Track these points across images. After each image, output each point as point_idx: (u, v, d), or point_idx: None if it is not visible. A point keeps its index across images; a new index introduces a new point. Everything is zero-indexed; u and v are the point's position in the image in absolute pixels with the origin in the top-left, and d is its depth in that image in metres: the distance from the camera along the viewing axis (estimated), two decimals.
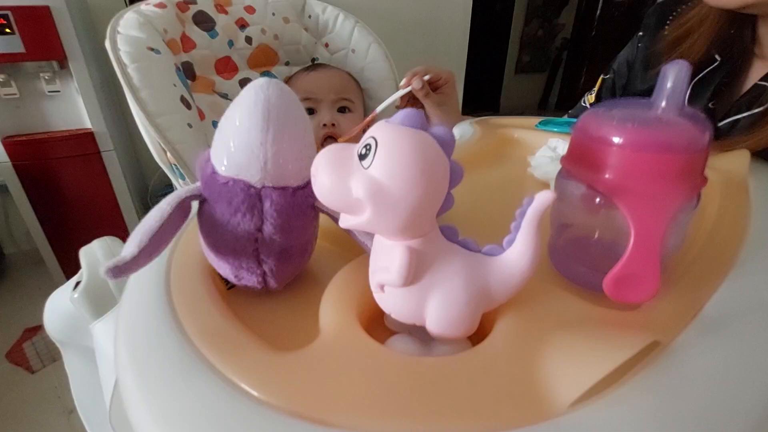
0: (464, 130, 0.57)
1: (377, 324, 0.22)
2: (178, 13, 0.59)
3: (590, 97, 0.76)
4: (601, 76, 0.74)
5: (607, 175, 0.20)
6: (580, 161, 0.22)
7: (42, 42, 1.19)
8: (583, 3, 4.41)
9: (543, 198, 0.17)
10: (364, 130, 0.73)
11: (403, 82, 0.60)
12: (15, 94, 1.24)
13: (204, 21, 0.62)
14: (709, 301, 0.21)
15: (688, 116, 0.20)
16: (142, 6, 0.55)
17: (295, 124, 0.19)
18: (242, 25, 0.66)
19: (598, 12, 4.29)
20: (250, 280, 0.22)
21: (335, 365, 0.17)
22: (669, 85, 0.20)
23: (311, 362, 0.17)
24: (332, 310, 0.20)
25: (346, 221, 0.17)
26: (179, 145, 0.49)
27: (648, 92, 0.68)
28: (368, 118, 0.61)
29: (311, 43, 0.75)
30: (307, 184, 0.20)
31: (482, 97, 4.75)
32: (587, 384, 0.16)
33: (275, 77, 0.72)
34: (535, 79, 4.88)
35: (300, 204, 0.20)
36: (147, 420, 0.17)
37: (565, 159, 0.23)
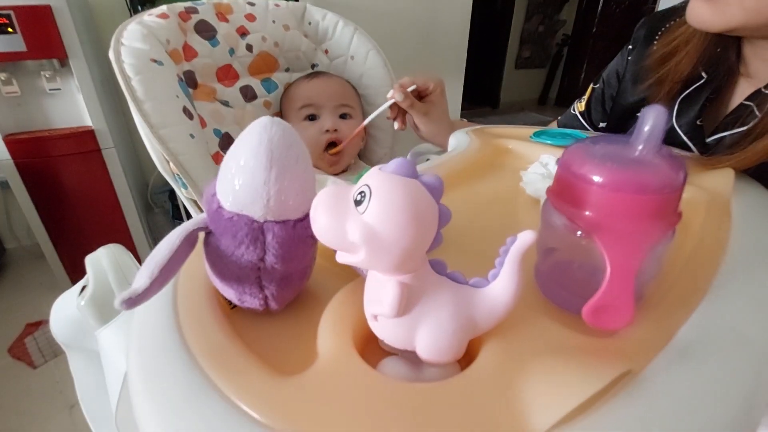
0: (460, 140, 0.58)
1: (372, 345, 0.23)
2: (180, 23, 0.60)
3: (580, 105, 0.77)
4: (591, 85, 0.75)
5: (586, 212, 0.21)
6: (563, 196, 0.23)
7: (43, 41, 1.19)
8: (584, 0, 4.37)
9: (525, 238, 0.19)
10: (367, 132, 0.75)
11: (390, 94, 0.62)
12: (16, 92, 1.24)
13: (205, 30, 0.63)
14: (681, 327, 0.22)
15: (664, 157, 0.22)
16: (145, 17, 0.56)
17: (296, 162, 0.21)
18: (243, 33, 0.67)
19: (599, 8, 4.27)
20: (252, 303, 0.24)
21: (331, 391, 0.19)
22: (647, 128, 0.21)
23: (309, 387, 0.19)
24: (329, 335, 0.21)
25: (342, 258, 0.19)
26: (182, 156, 0.50)
27: (637, 105, 0.69)
28: (358, 129, 0.65)
29: (311, 49, 0.76)
30: (307, 216, 0.22)
31: (482, 92, 4.74)
32: (562, 412, 0.17)
33: (276, 84, 0.74)
34: (535, 74, 4.87)
35: (300, 235, 0.21)
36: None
37: (550, 191, 0.25)
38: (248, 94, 0.68)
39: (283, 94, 0.72)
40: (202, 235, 0.23)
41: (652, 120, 0.21)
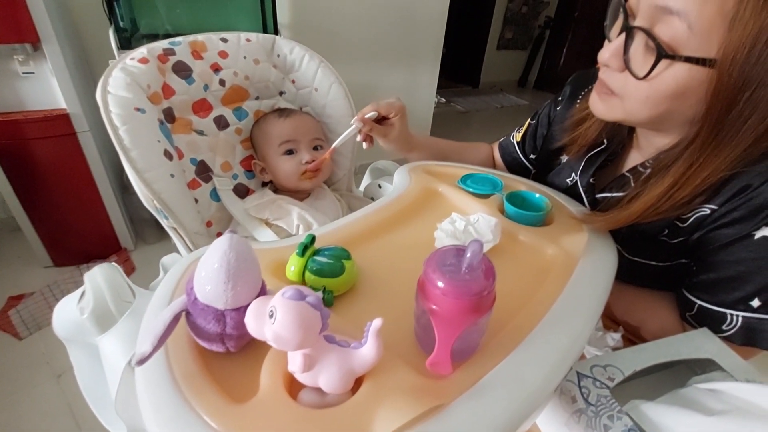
0: (402, 178, 0.70)
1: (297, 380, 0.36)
2: (159, 65, 0.67)
3: (518, 135, 0.89)
4: (528, 120, 0.87)
5: (431, 305, 0.34)
6: (422, 288, 0.36)
7: (14, 25, 1.20)
8: None
9: (376, 324, 0.31)
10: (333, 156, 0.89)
11: (353, 121, 0.73)
12: None
13: (182, 70, 0.70)
14: (487, 374, 0.36)
15: (484, 269, 0.34)
16: (128, 61, 0.63)
17: (247, 272, 0.32)
18: (216, 69, 0.75)
19: None
20: (218, 349, 0.36)
21: (266, 415, 0.31)
22: (468, 255, 0.34)
23: (251, 412, 0.32)
24: (267, 376, 0.34)
25: (269, 343, 0.31)
26: (164, 194, 0.60)
27: (558, 150, 0.83)
28: (329, 150, 0.77)
29: (279, 78, 0.84)
30: None
31: (463, 71, 4.76)
32: (393, 426, 0.31)
33: (246, 112, 0.83)
34: (516, 56, 4.91)
35: None
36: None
37: (419, 280, 0.37)
38: (221, 123, 0.77)
39: (255, 127, 0.82)
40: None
41: (471, 251, 0.33)
